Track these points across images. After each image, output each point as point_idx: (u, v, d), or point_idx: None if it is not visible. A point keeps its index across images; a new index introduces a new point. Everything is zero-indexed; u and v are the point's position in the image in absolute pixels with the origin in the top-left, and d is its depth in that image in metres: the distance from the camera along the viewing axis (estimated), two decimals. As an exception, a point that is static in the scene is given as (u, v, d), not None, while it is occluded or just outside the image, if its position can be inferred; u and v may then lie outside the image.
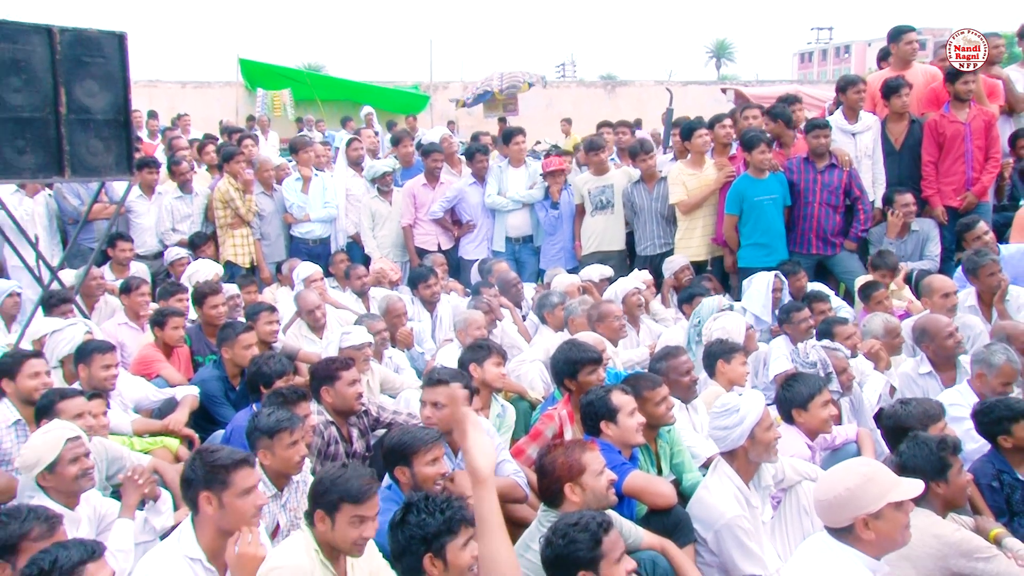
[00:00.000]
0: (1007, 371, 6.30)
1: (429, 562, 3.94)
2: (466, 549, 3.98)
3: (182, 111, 21.59)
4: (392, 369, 8.01)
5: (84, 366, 6.91)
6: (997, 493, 5.52)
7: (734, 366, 6.76)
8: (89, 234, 10.79)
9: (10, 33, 8.14)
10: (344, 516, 4.22)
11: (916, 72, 10.78)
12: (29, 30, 8.30)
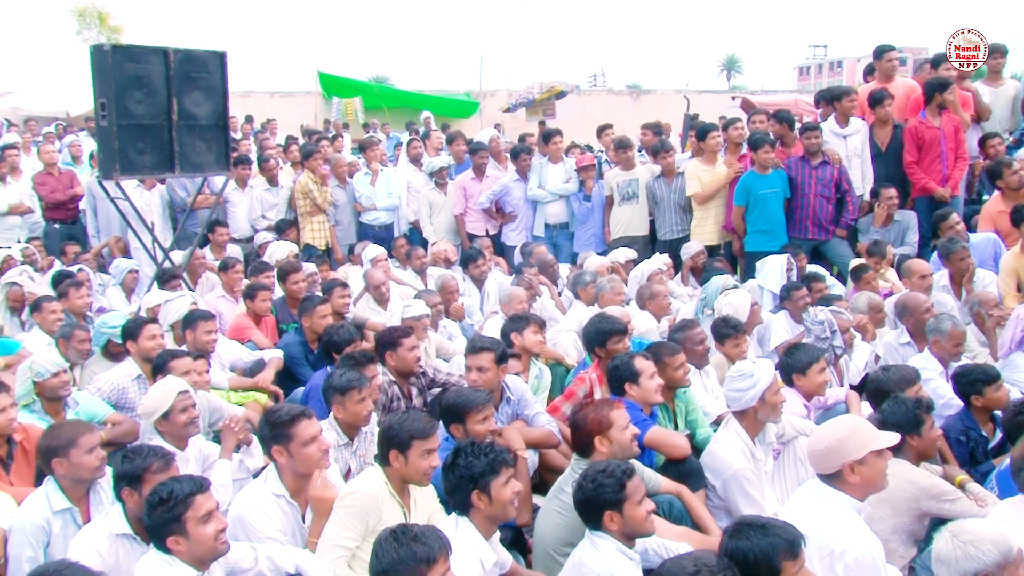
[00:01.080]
0: (955, 335, 6.52)
1: (476, 497, 4.00)
2: (507, 486, 4.03)
3: (270, 116, 21.70)
4: (446, 337, 8.04)
5: (190, 331, 7.01)
6: (963, 446, 5.64)
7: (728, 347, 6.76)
8: (194, 221, 10.90)
9: (135, 55, 8.39)
10: (415, 451, 4.29)
11: (898, 85, 10.81)
12: (149, 52, 8.52)
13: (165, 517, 3.71)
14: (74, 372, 6.65)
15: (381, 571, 3.42)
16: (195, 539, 3.73)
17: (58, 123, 19.55)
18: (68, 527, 4.55)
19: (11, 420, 5.34)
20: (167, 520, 3.71)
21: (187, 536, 3.72)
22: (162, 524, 3.72)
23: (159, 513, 3.72)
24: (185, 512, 3.72)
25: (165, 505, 3.72)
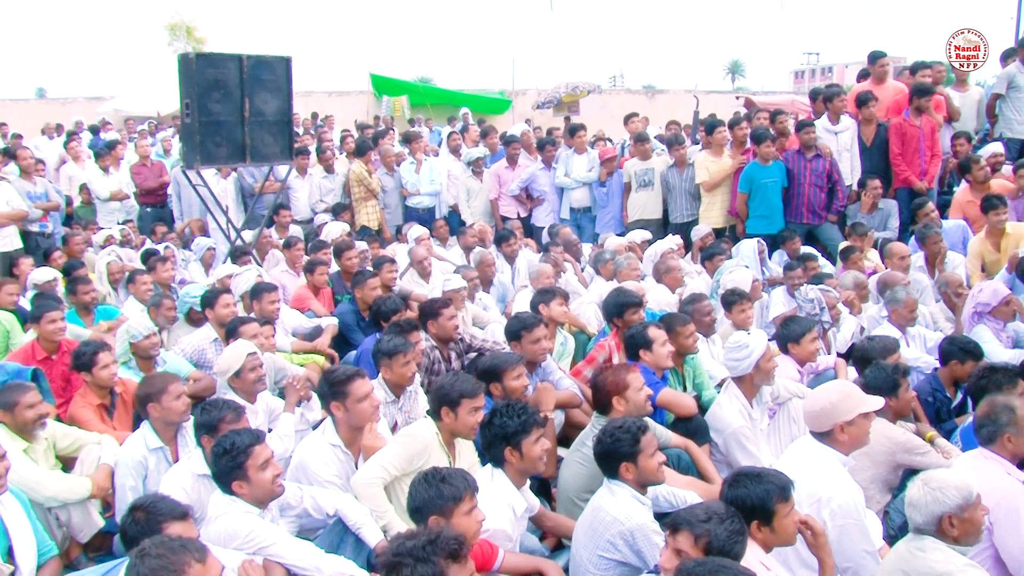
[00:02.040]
0: (909, 303, 6.69)
1: (509, 453, 4.02)
2: (537, 444, 4.04)
3: (328, 113, 21.73)
4: (481, 308, 8.05)
5: (256, 301, 7.08)
6: (930, 406, 5.68)
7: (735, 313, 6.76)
8: (261, 204, 10.96)
9: (214, 61, 8.50)
10: (464, 408, 4.33)
11: (888, 87, 10.73)
12: (226, 59, 8.62)
13: (229, 465, 3.78)
14: (162, 335, 6.75)
15: (415, 508, 3.49)
16: (256, 483, 3.80)
17: (150, 121, 19.75)
18: (161, 463, 4.72)
19: (113, 374, 5.54)
20: (231, 467, 3.78)
21: (249, 481, 3.79)
22: (227, 471, 3.80)
23: (224, 462, 3.80)
24: (246, 460, 3.79)
25: (229, 455, 3.79)
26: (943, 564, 3.32)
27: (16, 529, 3.98)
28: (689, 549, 3.04)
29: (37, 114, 22.98)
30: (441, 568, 2.77)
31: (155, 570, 2.70)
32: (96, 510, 4.76)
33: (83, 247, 10.01)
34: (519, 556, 3.92)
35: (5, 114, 22.25)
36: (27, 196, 9.94)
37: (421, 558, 2.77)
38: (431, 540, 2.81)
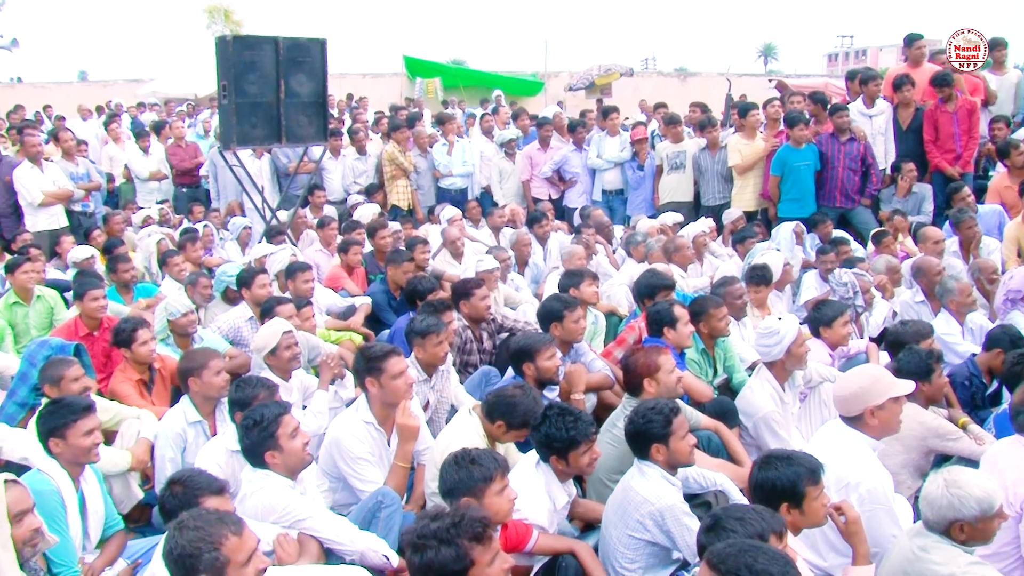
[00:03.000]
0: (963, 288, 6.49)
1: (555, 460, 3.95)
2: (585, 455, 3.93)
3: (362, 95, 21.76)
4: (513, 288, 8.04)
5: (291, 280, 7.12)
6: (967, 390, 5.59)
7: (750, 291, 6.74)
8: (296, 185, 11.01)
9: (250, 44, 8.54)
10: (519, 435, 4.32)
11: (924, 70, 10.48)
12: (263, 41, 8.66)
13: (261, 436, 3.79)
14: (199, 313, 6.81)
15: (447, 490, 3.49)
16: (288, 452, 3.82)
17: (188, 103, 19.89)
18: (199, 437, 4.79)
19: (152, 351, 5.62)
20: (263, 438, 3.79)
21: (281, 450, 3.81)
22: (259, 442, 3.80)
23: (255, 433, 3.81)
24: (277, 430, 3.80)
25: (259, 426, 3.80)
26: (946, 566, 3.22)
27: (92, 502, 4.07)
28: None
29: (79, 96, 23.20)
30: (465, 550, 2.77)
31: (192, 542, 2.74)
32: (136, 483, 4.85)
33: (123, 226, 10.14)
34: (552, 537, 3.91)
35: (49, 96, 22.56)
36: (70, 177, 10.07)
37: (445, 540, 2.77)
38: (455, 522, 2.80)
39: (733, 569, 2.51)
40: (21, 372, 5.20)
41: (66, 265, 8.68)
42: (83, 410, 3.94)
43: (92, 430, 3.94)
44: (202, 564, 2.73)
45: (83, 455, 3.93)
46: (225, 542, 2.76)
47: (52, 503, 3.73)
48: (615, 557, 3.83)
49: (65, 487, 3.89)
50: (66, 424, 3.88)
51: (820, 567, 3.85)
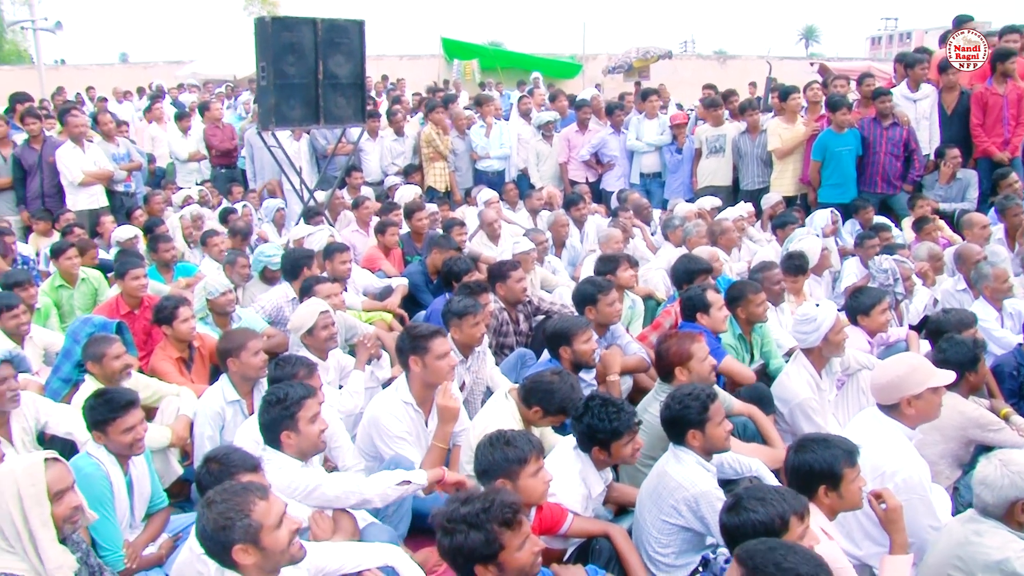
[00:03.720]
0: (999, 274, 6.39)
1: (597, 451, 3.95)
2: (628, 446, 3.93)
3: (399, 76, 21.80)
4: (550, 271, 8.04)
5: (329, 261, 7.16)
6: (1015, 380, 5.48)
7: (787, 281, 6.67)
8: (334, 166, 11.08)
9: (289, 25, 8.57)
10: (555, 420, 4.32)
11: (971, 53, 10.25)
12: (301, 22, 8.69)
13: (281, 414, 3.81)
14: (237, 292, 6.87)
15: (481, 471, 3.49)
16: (304, 435, 3.83)
17: (227, 84, 20.05)
18: (237, 416, 4.85)
19: (192, 328, 5.69)
20: (283, 417, 3.81)
21: (298, 432, 3.82)
22: (278, 420, 3.81)
23: (276, 410, 3.82)
24: (298, 412, 3.81)
25: (281, 404, 3.81)
26: (1000, 551, 3.20)
27: (140, 483, 4.14)
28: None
29: (121, 78, 23.49)
30: (495, 535, 2.77)
31: (223, 513, 2.77)
32: (175, 459, 4.94)
33: (163, 206, 10.26)
34: (586, 520, 3.91)
35: (91, 78, 22.84)
36: (111, 157, 10.21)
37: (475, 524, 2.78)
38: (485, 507, 2.80)
39: (762, 566, 2.48)
40: (65, 349, 5.31)
41: (108, 245, 8.82)
42: (123, 407, 3.94)
43: (133, 427, 3.95)
44: (236, 534, 2.76)
45: (125, 449, 3.97)
46: (254, 508, 2.80)
47: (100, 487, 3.80)
48: (648, 541, 3.83)
49: (113, 471, 3.95)
50: (106, 421, 3.91)
51: (855, 556, 3.81)
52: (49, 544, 3.02)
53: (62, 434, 4.66)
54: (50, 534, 3.03)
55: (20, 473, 3.05)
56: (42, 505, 3.03)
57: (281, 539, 2.84)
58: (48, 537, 3.02)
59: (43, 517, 3.02)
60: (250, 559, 2.80)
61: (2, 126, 10.14)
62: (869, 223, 8.60)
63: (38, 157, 9.74)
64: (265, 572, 2.86)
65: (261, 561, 2.82)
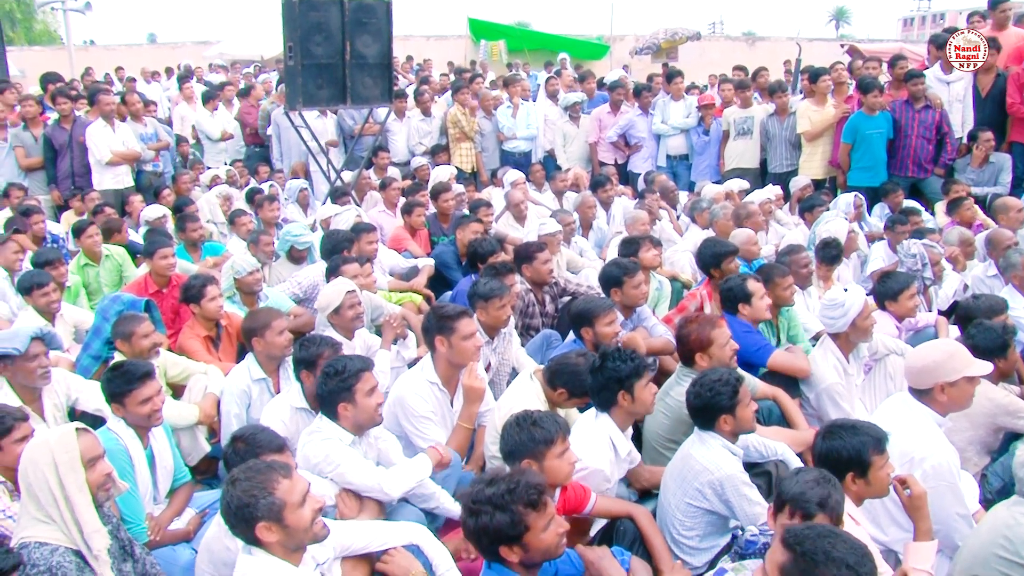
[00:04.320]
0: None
1: (622, 396, 3.97)
2: (647, 388, 4.00)
3: (426, 57, 21.76)
4: (576, 252, 8.03)
5: (355, 241, 7.18)
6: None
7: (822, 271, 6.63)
8: (360, 146, 11.08)
9: (316, 5, 8.58)
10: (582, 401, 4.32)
11: (1009, 34, 10.07)
12: (328, 2, 8.73)
13: (339, 386, 3.83)
14: (264, 271, 6.91)
15: (508, 452, 3.50)
16: (361, 408, 3.85)
17: (255, 64, 20.11)
18: (263, 394, 4.88)
19: (219, 307, 5.74)
20: (340, 389, 3.83)
21: (355, 404, 3.84)
22: (335, 392, 3.83)
23: (334, 382, 3.83)
24: (355, 384, 3.83)
25: (339, 376, 3.83)
26: None
27: (161, 457, 4.19)
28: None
29: (149, 58, 23.61)
30: (520, 516, 2.79)
31: (247, 491, 2.81)
32: (203, 436, 4.98)
33: (191, 186, 10.33)
34: (611, 500, 3.92)
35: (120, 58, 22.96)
36: (139, 137, 10.28)
37: (500, 506, 2.79)
38: (510, 489, 2.81)
39: (811, 552, 2.47)
40: (95, 326, 5.37)
41: (137, 224, 8.89)
42: (140, 378, 3.98)
43: (150, 398, 3.98)
44: (259, 511, 2.80)
45: (142, 421, 4.01)
46: (278, 486, 2.83)
47: (120, 461, 3.84)
48: (673, 524, 3.83)
49: (132, 445, 4.00)
50: (123, 392, 3.96)
51: (881, 541, 3.80)
52: (85, 509, 3.08)
53: (92, 410, 4.73)
54: (86, 499, 3.09)
55: (54, 442, 3.11)
56: (76, 471, 3.09)
57: (304, 518, 2.87)
58: (84, 502, 3.08)
59: (78, 483, 3.08)
60: (273, 536, 2.84)
61: (34, 106, 10.26)
62: (899, 207, 8.50)
63: (68, 137, 9.85)
64: (288, 550, 2.90)
65: (284, 539, 2.86)
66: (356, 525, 3.50)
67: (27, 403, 4.46)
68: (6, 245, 6.93)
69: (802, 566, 2.47)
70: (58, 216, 9.63)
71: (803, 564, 2.47)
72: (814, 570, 2.45)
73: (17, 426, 3.71)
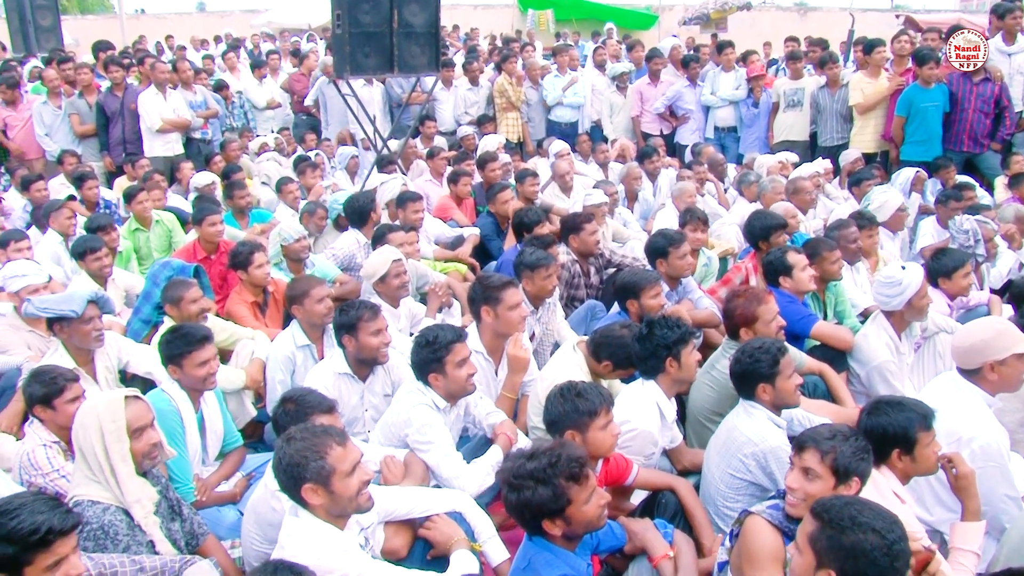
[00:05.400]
0: None
1: (669, 363, 3.98)
2: (693, 355, 4.02)
3: (473, 26, 21.65)
4: (621, 223, 7.98)
5: (401, 210, 7.19)
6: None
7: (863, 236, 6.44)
8: (408, 115, 11.08)
9: (364, -27, 8.45)
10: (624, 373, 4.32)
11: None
12: (376, -29, 8.58)
13: (429, 357, 3.87)
14: (311, 240, 6.96)
15: (551, 422, 3.51)
16: (451, 379, 3.89)
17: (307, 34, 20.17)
18: (308, 360, 4.93)
19: (266, 274, 5.80)
20: (431, 360, 3.87)
21: (445, 376, 3.88)
22: (427, 362, 3.88)
23: (425, 353, 3.88)
24: (446, 356, 3.86)
25: (430, 347, 3.87)
26: None
27: (212, 420, 4.27)
28: (816, 466, 2.98)
29: (198, 26, 23.76)
30: (562, 489, 2.79)
31: (300, 451, 2.87)
32: (250, 400, 5.06)
33: (239, 153, 10.42)
34: (652, 472, 3.92)
35: (170, 27, 23.14)
36: (188, 105, 10.38)
37: (542, 480, 2.79)
38: (552, 462, 2.82)
39: (837, 520, 2.48)
40: (145, 291, 5.47)
41: (186, 191, 9.00)
42: (198, 341, 4.06)
43: (206, 361, 4.06)
44: (308, 473, 2.86)
45: (199, 383, 4.08)
46: (330, 452, 2.88)
47: (171, 422, 3.92)
48: (715, 496, 3.82)
49: (184, 407, 4.07)
50: (181, 354, 4.03)
51: (927, 521, 3.75)
52: (128, 478, 3.14)
53: (143, 373, 4.83)
54: (129, 468, 3.14)
55: (102, 409, 3.17)
56: (121, 441, 3.15)
57: (351, 486, 2.91)
58: (127, 471, 3.14)
59: (122, 452, 3.14)
60: (318, 500, 2.89)
61: (88, 74, 10.40)
62: (952, 182, 8.30)
63: (120, 104, 9.99)
64: (332, 516, 2.95)
65: (328, 504, 2.91)
66: (400, 491, 3.54)
67: (81, 365, 4.56)
68: (60, 211, 7.07)
69: (829, 533, 2.49)
70: (110, 182, 9.77)
71: (830, 531, 2.49)
72: (841, 536, 2.46)
73: (69, 387, 3.81)
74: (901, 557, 2.45)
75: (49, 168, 9.78)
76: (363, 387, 4.52)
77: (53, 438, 3.78)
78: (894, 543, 2.43)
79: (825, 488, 2.92)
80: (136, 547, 3.09)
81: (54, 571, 2.53)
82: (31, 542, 2.48)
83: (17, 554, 2.48)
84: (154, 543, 3.15)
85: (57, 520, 2.53)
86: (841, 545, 2.46)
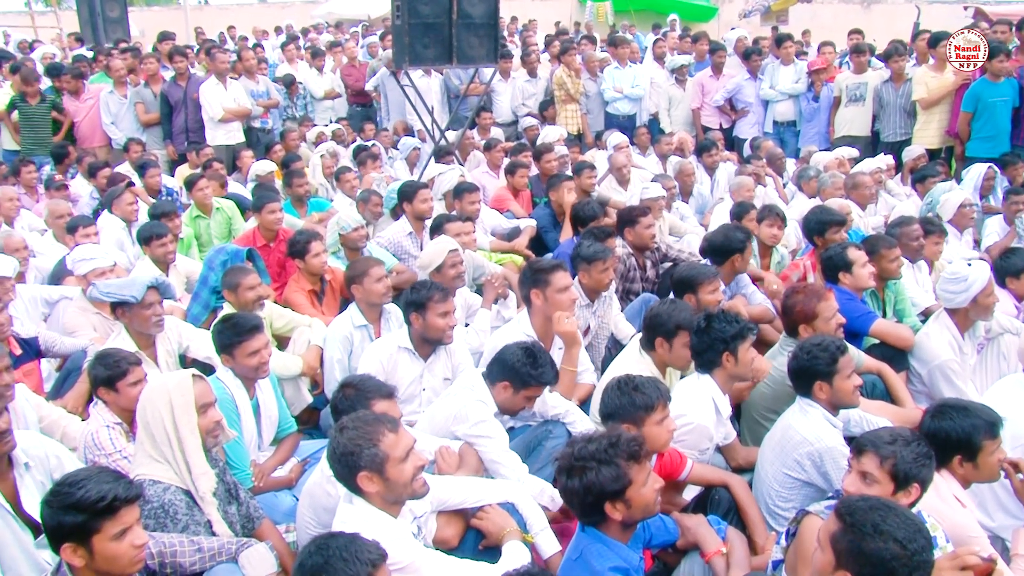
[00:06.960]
0: None
1: (725, 358, 3.97)
2: (750, 351, 3.99)
3: (531, 17, 21.62)
4: (678, 217, 7.91)
5: (458, 200, 7.23)
6: None
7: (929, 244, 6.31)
8: (465, 106, 11.12)
9: (423, -36, 8.48)
10: (680, 340, 4.25)
11: None
12: (435, -38, 8.60)
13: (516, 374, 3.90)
14: (368, 228, 7.02)
15: (606, 414, 3.51)
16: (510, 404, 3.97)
17: (362, 24, 20.32)
18: (364, 340, 5.02)
19: (324, 262, 5.87)
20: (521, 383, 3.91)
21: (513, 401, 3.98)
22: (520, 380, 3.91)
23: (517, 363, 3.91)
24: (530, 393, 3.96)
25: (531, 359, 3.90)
26: None
27: (267, 407, 4.35)
28: (875, 471, 2.93)
29: (259, 17, 24.08)
30: (624, 469, 2.80)
31: (353, 439, 2.91)
32: (306, 387, 5.12)
33: (298, 142, 10.55)
34: (707, 468, 3.90)
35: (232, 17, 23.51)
36: (250, 94, 10.54)
37: (604, 460, 2.80)
38: (612, 443, 2.82)
39: (859, 523, 2.44)
40: (202, 276, 5.58)
41: (246, 179, 9.14)
42: (248, 331, 4.10)
43: (258, 350, 4.11)
44: (363, 460, 2.90)
45: (250, 372, 4.14)
46: (383, 439, 2.92)
47: (227, 409, 3.97)
48: (769, 495, 3.78)
49: (239, 395, 4.14)
50: (232, 344, 4.09)
51: (988, 527, 3.66)
52: (195, 451, 3.23)
53: (202, 358, 4.92)
54: (196, 442, 3.25)
55: (172, 385, 3.29)
56: (190, 414, 3.25)
57: (406, 472, 2.95)
58: (195, 445, 3.24)
59: (191, 426, 3.24)
60: (374, 487, 2.92)
61: (153, 63, 10.63)
62: (1020, 179, 8.08)
63: (183, 94, 10.20)
64: (387, 502, 2.98)
65: (384, 491, 2.94)
66: (454, 481, 3.56)
67: (142, 349, 4.67)
68: (122, 197, 7.24)
69: (850, 537, 2.44)
70: (173, 170, 9.97)
71: (851, 535, 2.44)
72: (861, 542, 2.41)
73: (131, 370, 3.90)
74: (922, 568, 2.40)
75: (114, 156, 10.02)
76: (423, 366, 4.59)
77: (116, 419, 3.87)
78: (915, 554, 2.37)
79: (883, 494, 2.86)
80: (195, 527, 3.17)
81: (120, 540, 2.61)
82: (98, 509, 2.57)
83: (86, 522, 2.57)
84: (212, 523, 3.22)
85: (122, 489, 2.63)
86: (860, 551, 2.41)
